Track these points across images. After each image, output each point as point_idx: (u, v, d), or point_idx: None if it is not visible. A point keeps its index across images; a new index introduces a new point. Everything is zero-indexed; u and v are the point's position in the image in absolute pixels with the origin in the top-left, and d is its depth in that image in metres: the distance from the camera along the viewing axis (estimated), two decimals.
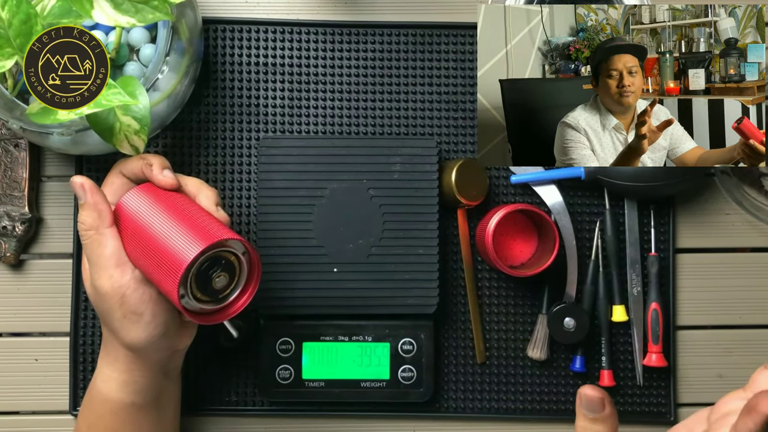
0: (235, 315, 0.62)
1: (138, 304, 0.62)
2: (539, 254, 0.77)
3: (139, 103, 0.64)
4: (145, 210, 0.62)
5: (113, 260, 0.62)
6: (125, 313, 0.62)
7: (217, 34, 0.79)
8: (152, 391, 0.67)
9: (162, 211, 0.62)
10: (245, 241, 0.60)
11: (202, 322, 0.61)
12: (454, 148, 0.80)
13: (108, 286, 0.61)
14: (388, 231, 0.75)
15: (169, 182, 0.65)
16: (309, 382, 0.76)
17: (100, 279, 0.62)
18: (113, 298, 0.61)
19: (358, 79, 0.80)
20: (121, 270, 0.62)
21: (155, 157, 0.66)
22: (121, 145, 0.65)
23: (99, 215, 0.63)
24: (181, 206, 0.63)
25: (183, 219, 0.61)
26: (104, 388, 0.66)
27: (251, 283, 0.62)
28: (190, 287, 0.59)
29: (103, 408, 0.66)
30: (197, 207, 0.63)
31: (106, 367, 0.66)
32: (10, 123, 0.66)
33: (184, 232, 0.59)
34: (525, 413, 0.79)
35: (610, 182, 0.77)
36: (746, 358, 0.80)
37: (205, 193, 0.66)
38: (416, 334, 0.76)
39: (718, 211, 0.81)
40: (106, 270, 0.62)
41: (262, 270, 0.62)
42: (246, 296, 0.62)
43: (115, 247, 0.62)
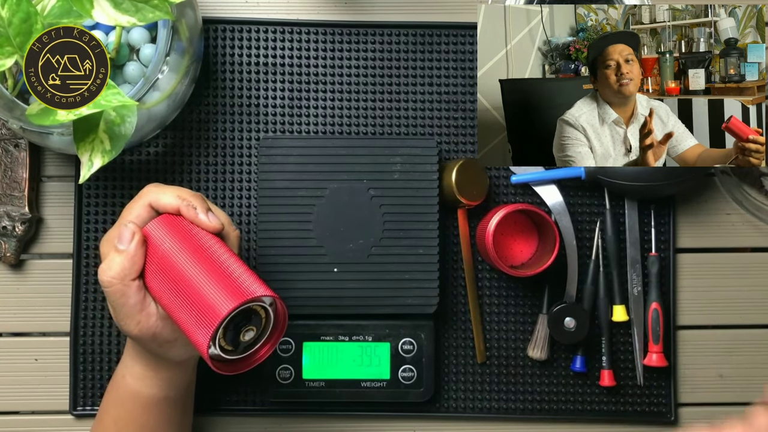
0: (257, 365, 0.60)
1: (170, 335, 0.62)
2: (539, 254, 0.77)
3: (127, 122, 0.64)
4: (173, 247, 0.60)
5: (137, 308, 0.60)
6: (160, 343, 0.62)
7: (217, 34, 0.79)
8: (184, 384, 0.68)
9: (192, 254, 0.59)
10: (276, 296, 0.58)
11: (225, 372, 0.59)
12: (454, 148, 0.80)
13: (136, 330, 0.61)
14: (388, 231, 0.75)
15: (215, 226, 0.62)
16: (309, 382, 0.76)
17: (127, 325, 0.61)
18: (145, 338, 0.62)
19: (358, 79, 0.80)
20: (146, 315, 0.61)
21: (195, 197, 0.63)
22: (82, 155, 0.64)
23: (131, 267, 0.60)
24: (211, 249, 0.60)
25: (214, 267, 0.58)
26: (136, 385, 0.66)
27: (275, 333, 0.60)
28: (218, 339, 0.57)
29: (134, 404, 0.66)
30: (226, 250, 0.61)
31: (136, 367, 0.66)
32: (10, 123, 0.66)
33: (218, 284, 0.56)
34: (525, 413, 0.79)
35: (611, 182, 0.77)
36: (746, 358, 0.80)
37: (232, 234, 0.64)
38: (416, 334, 0.76)
39: (718, 211, 0.81)
40: (131, 317, 0.61)
41: (288, 321, 0.60)
42: (269, 346, 0.60)
43: (140, 297, 0.60)
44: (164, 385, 0.66)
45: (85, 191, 0.79)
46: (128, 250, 0.60)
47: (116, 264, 0.60)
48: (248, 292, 0.56)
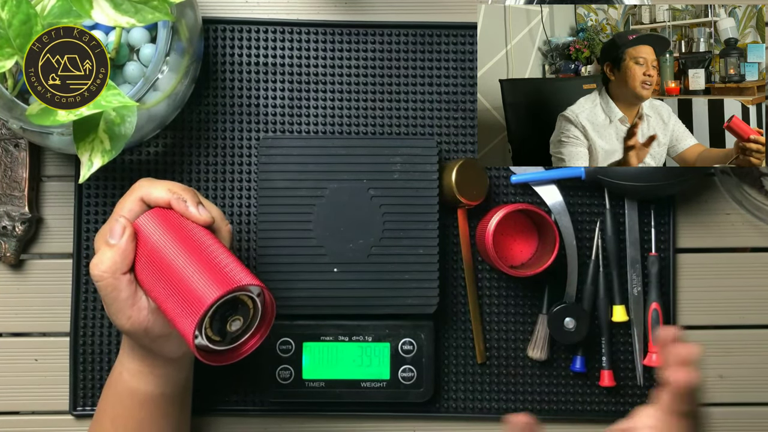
0: (245, 356, 0.60)
1: (162, 329, 0.62)
2: (539, 254, 0.77)
3: (127, 122, 0.64)
4: (163, 239, 0.60)
5: (129, 302, 0.61)
6: (153, 338, 0.62)
7: (217, 34, 0.79)
8: (181, 381, 0.68)
9: (181, 245, 0.59)
10: (263, 285, 0.58)
11: (212, 363, 0.59)
12: (454, 148, 0.80)
13: (128, 325, 0.61)
14: (388, 231, 0.75)
15: (205, 219, 0.62)
16: (309, 382, 0.76)
17: (119, 319, 0.61)
18: (137, 332, 0.62)
19: (358, 79, 0.80)
20: (137, 309, 0.61)
21: (186, 190, 0.63)
22: (82, 155, 0.64)
23: (122, 261, 0.60)
24: (200, 241, 0.60)
25: (202, 257, 0.58)
26: (133, 382, 0.66)
27: (263, 325, 0.60)
28: (204, 329, 0.57)
29: (131, 400, 0.66)
30: (215, 242, 0.61)
31: (132, 363, 0.66)
32: (10, 123, 0.66)
33: (205, 273, 0.57)
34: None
35: (610, 182, 0.77)
36: (746, 358, 0.80)
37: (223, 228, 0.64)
38: (416, 334, 0.76)
39: (718, 211, 0.81)
40: (123, 312, 0.61)
41: (276, 312, 0.60)
42: (257, 338, 0.60)
43: (131, 291, 0.61)
44: (161, 381, 0.66)
45: (85, 191, 0.79)
46: (119, 244, 0.60)
47: (107, 258, 0.60)
48: (234, 281, 0.56)
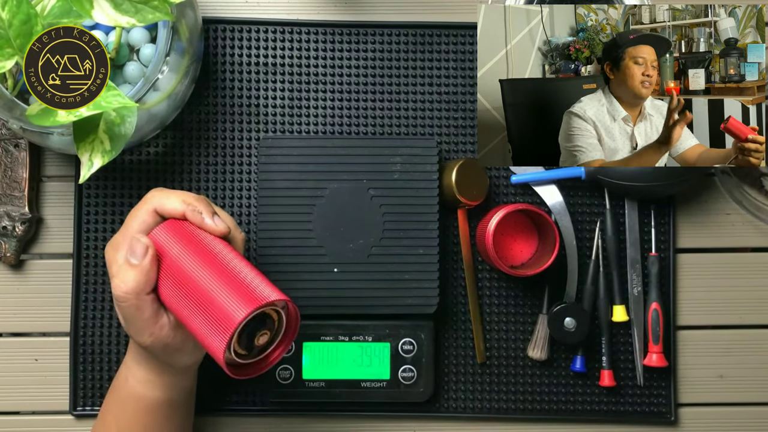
0: (270, 367, 0.60)
1: (180, 344, 0.62)
2: (539, 254, 0.77)
3: (127, 122, 0.64)
4: (183, 254, 0.59)
5: (152, 321, 0.60)
6: (169, 352, 0.63)
7: (217, 34, 0.79)
8: (187, 388, 0.68)
9: (203, 261, 0.58)
10: (288, 299, 0.57)
11: (241, 377, 0.59)
12: (454, 148, 0.80)
13: (149, 341, 0.61)
14: (388, 231, 0.75)
15: (221, 230, 0.61)
16: (309, 382, 0.76)
17: (140, 336, 0.61)
18: (156, 348, 0.62)
19: (358, 79, 0.80)
20: (159, 326, 0.61)
21: (200, 200, 0.62)
22: (82, 155, 0.64)
23: (146, 282, 0.59)
24: (221, 254, 0.59)
25: (226, 272, 0.58)
26: (139, 388, 0.66)
27: (288, 335, 0.60)
28: (233, 345, 0.57)
29: (137, 406, 0.66)
30: (236, 255, 0.60)
31: (139, 371, 0.66)
32: (10, 123, 0.66)
33: (231, 290, 0.56)
34: (525, 413, 0.79)
35: (611, 182, 0.77)
36: (746, 358, 0.80)
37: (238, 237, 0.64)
38: (416, 334, 0.76)
39: (718, 211, 0.81)
40: (145, 330, 0.60)
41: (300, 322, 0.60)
42: (282, 347, 0.60)
43: (154, 309, 0.60)
44: (167, 388, 0.66)
45: (85, 191, 0.79)
46: (142, 265, 0.59)
47: (130, 279, 0.59)
48: (261, 297, 0.56)
